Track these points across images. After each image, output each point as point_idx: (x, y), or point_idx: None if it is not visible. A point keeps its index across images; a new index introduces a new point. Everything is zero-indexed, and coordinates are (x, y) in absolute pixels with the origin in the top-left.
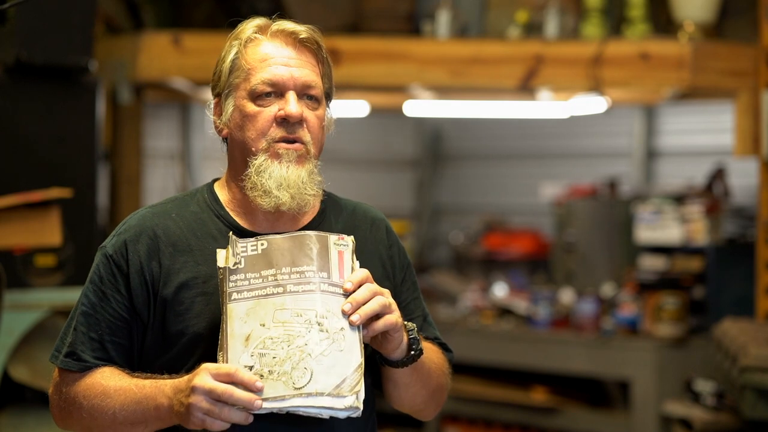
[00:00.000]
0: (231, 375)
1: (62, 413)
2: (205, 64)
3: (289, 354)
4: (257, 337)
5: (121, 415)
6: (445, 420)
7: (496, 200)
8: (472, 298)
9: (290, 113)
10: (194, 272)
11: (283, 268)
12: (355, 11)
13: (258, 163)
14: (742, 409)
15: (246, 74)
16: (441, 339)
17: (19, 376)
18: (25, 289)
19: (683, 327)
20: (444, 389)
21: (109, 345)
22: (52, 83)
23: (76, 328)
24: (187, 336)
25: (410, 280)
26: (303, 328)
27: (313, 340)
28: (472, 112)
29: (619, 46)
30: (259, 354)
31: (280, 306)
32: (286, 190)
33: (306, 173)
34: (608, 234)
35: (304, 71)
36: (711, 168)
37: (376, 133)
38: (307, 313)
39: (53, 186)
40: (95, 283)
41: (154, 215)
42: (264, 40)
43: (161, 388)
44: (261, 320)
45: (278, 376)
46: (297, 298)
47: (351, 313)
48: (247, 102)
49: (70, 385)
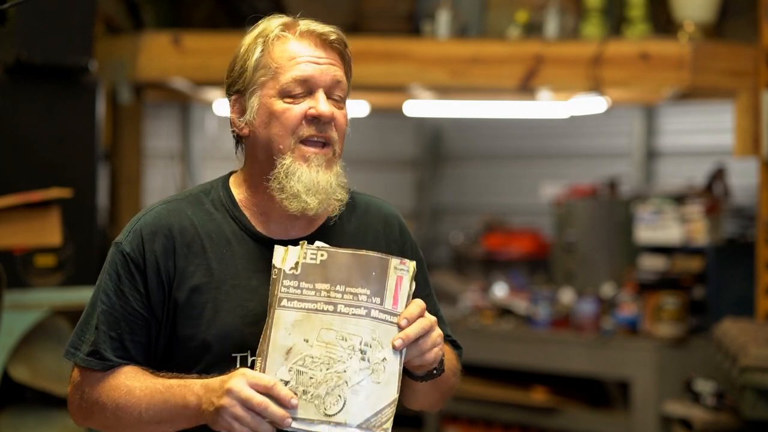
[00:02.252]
0: (269, 388)
1: (83, 413)
2: (205, 64)
3: (326, 377)
4: (298, 352)
5: (147, 414)
6: (445, 420)
7: (496, 200)
8: (472, 298)
9: (322, 112)
10: (207, 277)
11: (338, 285)
12: (355, 11)
13: (287, 164)
14: (742, 409)
15: (273, 72)
16: (452, 336)
17: (19, 376)
18: (25, 289)
19: (683, 327)
20: (454, 388)
21: (129, 344)
22: (52, 83)
23: (98, 327)
24: (196, 342)
25: (422, 276)
26: (345, 353)
27: (352, 368)
28: (472, 112)
29: (619, 46)
30: (297, 371)
31: (328, 325)
32: (314, 195)
33: (335, 178)
34: (608, 234)
35: (332, 68)
36: (711, 168)
37: (376, 133)
38: (352, 339)
39: (53, 186)
40: (113, 280)
41: (170, 213)
42: (291, 38)
43: (190, 387)
44: (305, 335)
45: (312, 398)
46: (345, 320)
47: (401, 348)
48: (275, 100)
49: (93, 386)
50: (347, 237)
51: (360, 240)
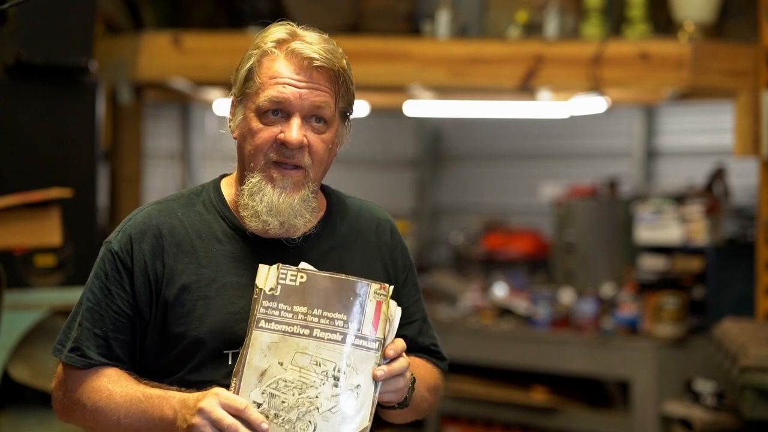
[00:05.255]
0: (241, 411)
1: (65, 410)
2: (205, 64)
3: (297, 402)
4: (272, 375)
5: (125, 421)
6: (445, 420)
7: (496, 200)
8: (472, 298)
9: (289, 140)
10: (197, 275)
11: (315, 309)
12: (355, 11)
13: (253, 183)
14: (742, 409)
15: (257, 88)
16: (437, 344)
17: (19, 376)
18: (25, 289)
19: (683, 327)
20: (432, 406)
21: (113, 342)
22: (52, 83)
23: (81, 324)
24: (188, 339)
25: (412, 282)
26: (318, 378)
27: (324, 393)
28: (472, 112)
29: (619, 46)
30: (270, 394)
31: (303, 349)
32: (276, 216)
33: (299, 200)
34: (608, 234)
35: (313, 93)
36: (711, 168)
37: (376, 133)
38: (326, 365)
39: (53, 186)
40: (100, 278)
41: (160, 213)
42: (280, 56)
43: (168, 400)
44: (280, 358)
45: (282, 422)
46: (320, 345)
47: (381, 379)
48: (253, 117)
49: (75, 384)
50: (339, 238)
51: (352, 242)
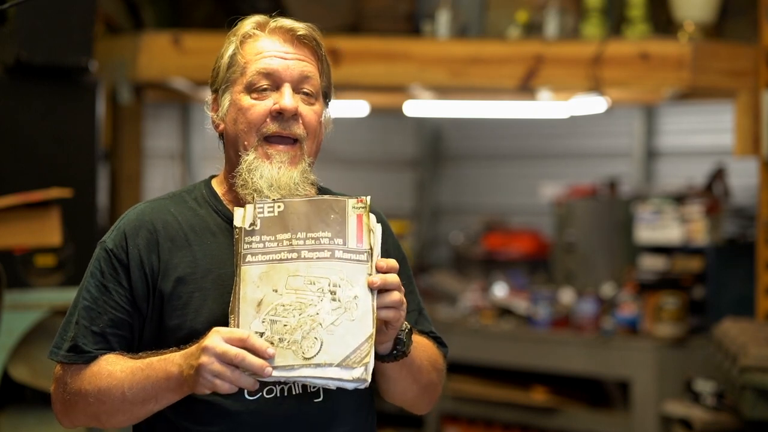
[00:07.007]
0: (243, 340)
1: (66, 407)
2: (205, 64)
3: (300, 322)
4: (269, 303)
5: (131, 393)
6: (445, 420)
7: (496, 200)
8: (472, 298)
9: (285, 107)
10: (192, 267)
11: (299, 233)
12: (355, 11)
13: (249, 160)
14: (742, 409)
15: (242, 68)
16: (436, 333)
17: (19, 376)
18: (25, 289)
19: (683, 327)
20: (437, 385)
21: (111, 338)
22: (52, 83)
23: (78, 322)
24: (184, 331)
25: (405, 273)
26: (315, 296)
27: (324, 309)
28: (472, 112)
29: (619, 46)
30: (271, 321)
31: (294, 272)
32: (277, 191)
33: (298, 174)
34: (608, 234)
35: (300, 63)
36: (711, 168)
37: (376, 133)
38: (320, 282)
39: (53, 186)
40: (96, 277)
41: (153, 210)
42: (262, 36)
43: (170, 359)
44: (274, 286)
45: (288, 344)
46: (310, 265)
47: (377, 286)
48: (242, 95)
49: (75, 377)
50: None
51: None
